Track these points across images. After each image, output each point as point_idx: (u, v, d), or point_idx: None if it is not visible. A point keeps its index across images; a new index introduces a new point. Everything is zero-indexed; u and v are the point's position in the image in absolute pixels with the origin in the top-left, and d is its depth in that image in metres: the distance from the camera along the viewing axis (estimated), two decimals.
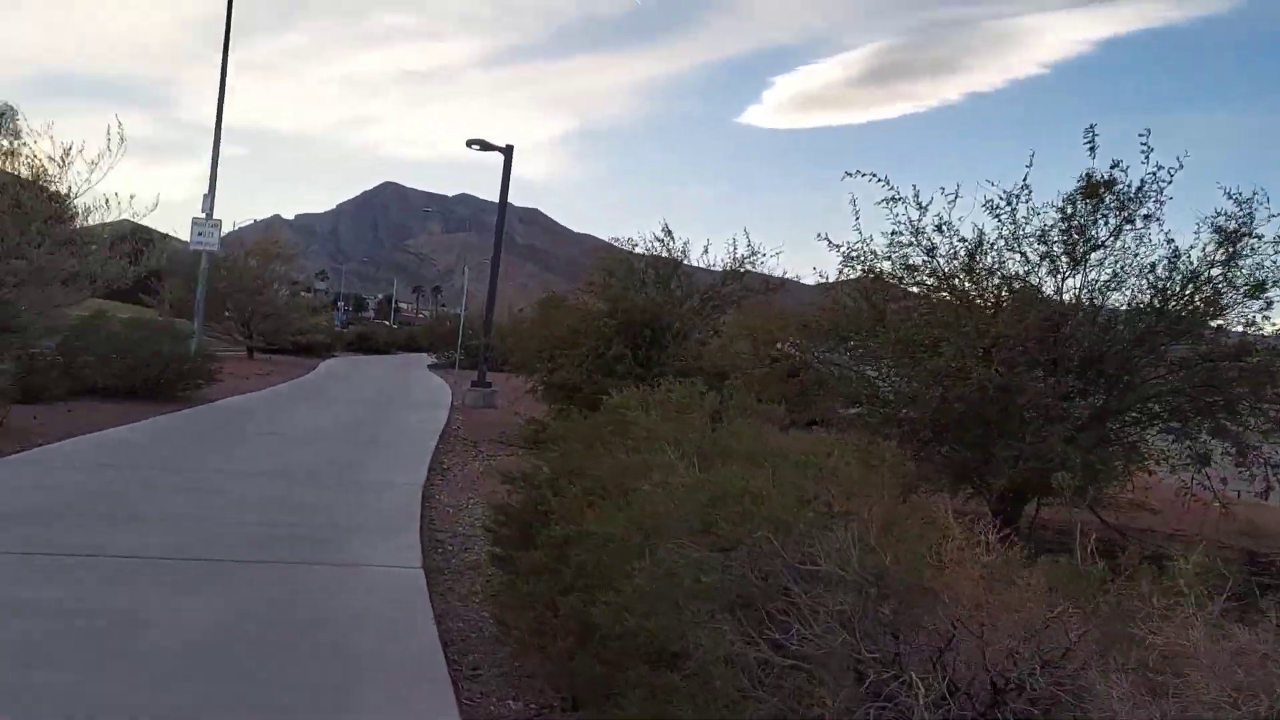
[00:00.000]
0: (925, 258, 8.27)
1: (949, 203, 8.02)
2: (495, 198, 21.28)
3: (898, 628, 2.53)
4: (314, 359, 33.92)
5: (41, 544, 5.38)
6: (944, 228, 8.07)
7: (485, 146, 21.10)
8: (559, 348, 13.55)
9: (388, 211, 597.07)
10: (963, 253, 8.15)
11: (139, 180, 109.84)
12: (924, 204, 8.10)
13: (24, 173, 15.82)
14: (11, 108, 13.63)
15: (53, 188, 15.89)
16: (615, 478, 4.02)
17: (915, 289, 8.75)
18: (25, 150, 16.42)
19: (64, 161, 15.75)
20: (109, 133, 15.91)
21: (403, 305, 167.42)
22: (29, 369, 11.58)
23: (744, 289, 14.40)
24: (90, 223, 16.66)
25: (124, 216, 17.44)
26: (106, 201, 16.42)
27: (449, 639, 4.54)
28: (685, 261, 14.34)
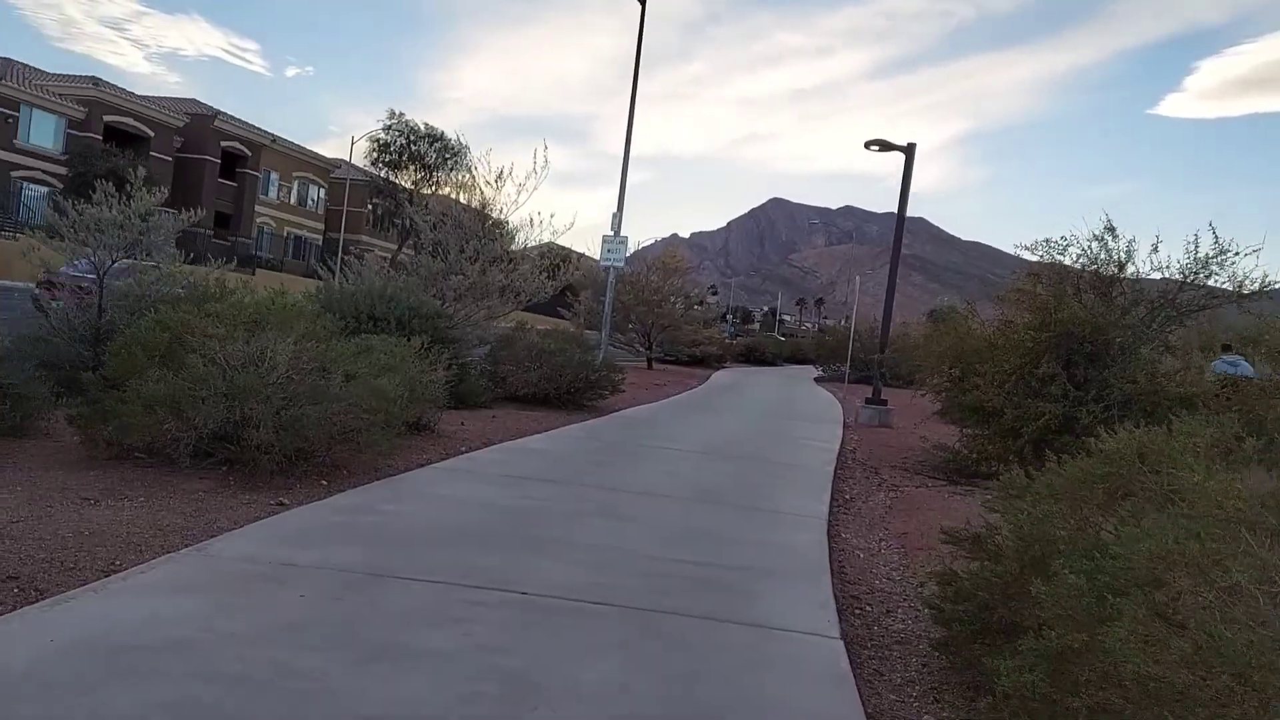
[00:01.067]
0: None
1: None
2: (878, 208, 20.32)
3: None
4: (706, 369, 34.82)
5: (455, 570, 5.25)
6: None
7: (885, 146, 19.95)
8: (972, 362, 12.04)
9: (774, 226, 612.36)
10: None
11: (558, 204, 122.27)
12: None
13: (473, 202, 17.51)
14: (463, 144, 15.01)
15: (487, 210, 17.41)
16: (1149, 566, 2.81)
17: None
18: (469, 179, 18.16)
19: (497, 184, 17.17)
20: (535, 157, 17.10)
21: (786, 317, 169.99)
22: (461, 377, 12.45)
23: (1208, 295, 11.74)
24: (518, 241, 18.10)
25: (546, 237, 18.75)
26: (531, 221, 17.72)
27: None
28: (1131, 265, 12.06)
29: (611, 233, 21.41)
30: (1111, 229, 11.81)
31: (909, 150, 19.70)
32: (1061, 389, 10.82)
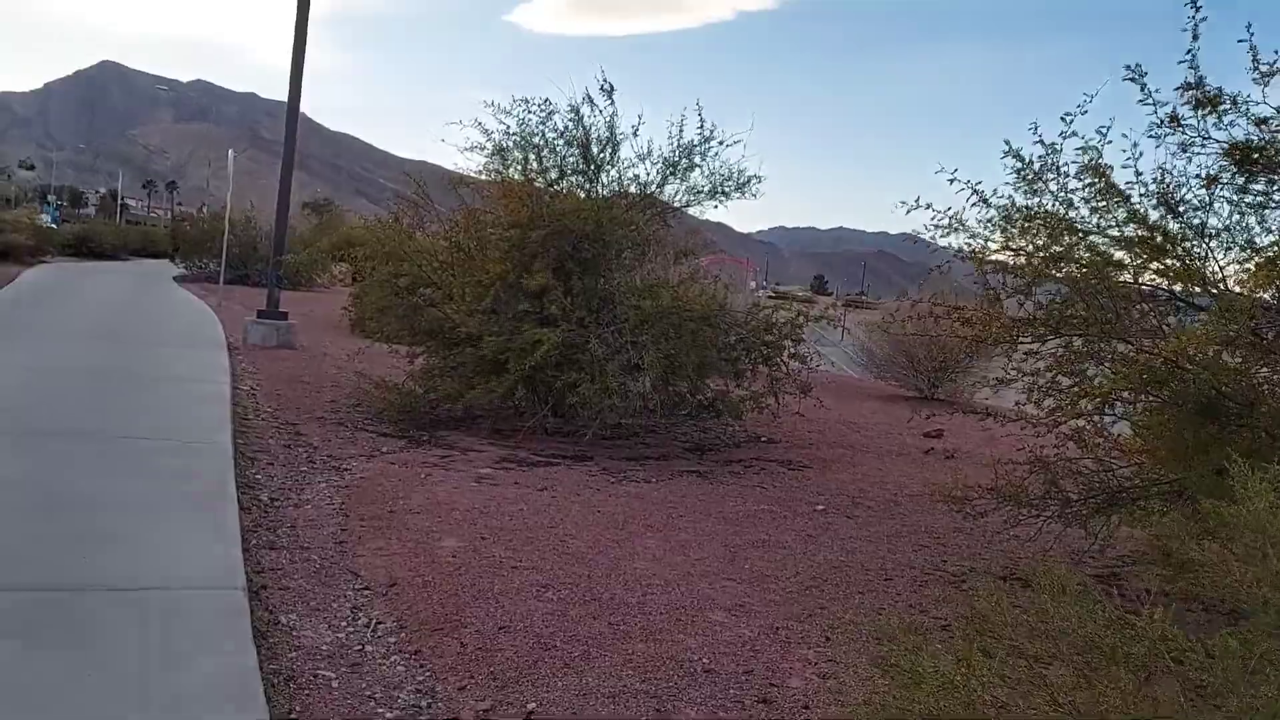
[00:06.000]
0: None
1: None
2: (238, 86, 15.48)
3: None
4: (13, 266, 25.82)
5: None
6: None
7: None
8: (426, 270, 8.70)
9: (108, 94, 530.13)
10: None
11: None
12: None
13: None
14: None
15: None
16: None
17: None
18: None
19: None
20: None
21: (131, 202, 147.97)
22: None
23: (691, 191, 9.78)
24: None
25: None
26: None
27: None
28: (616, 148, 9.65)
29: None
30: (609, 88, 9.07)
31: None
32: (560, 307, 8.04)
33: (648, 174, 9.50)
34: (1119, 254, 4.69)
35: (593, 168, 9.08)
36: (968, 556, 5.89)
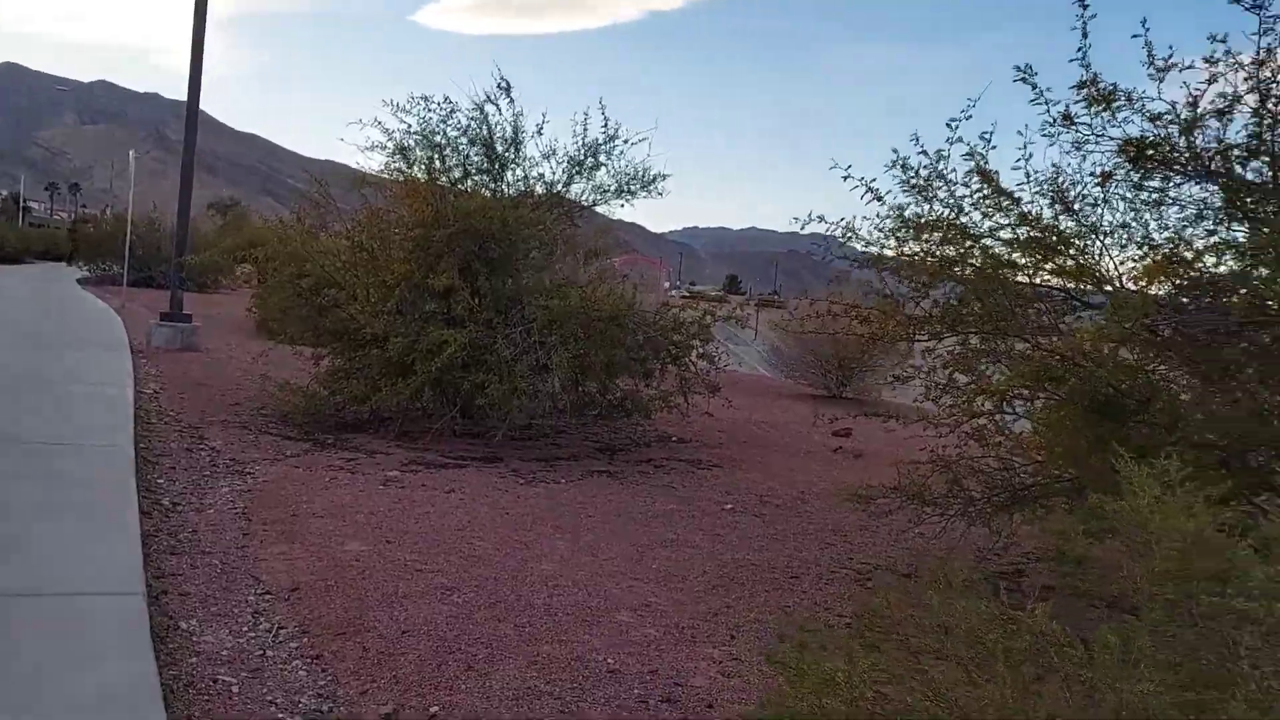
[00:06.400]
0: None
1: None
2: (141, 86, 15.00)
3: None
4: None
5: None
6: None
7: None
8: (330, 271, 8.46)
9: (10, 96, 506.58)
10: None
11: None
12: None
13: None
14: None
15: None
16: None
17: None
18: None
19: None
20: None
21: (33, 204, 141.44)
22: None
23: (597, 190, 9.72)
24: None
25: None
26: None
27: None
28: (522, 147, 9.52)
29: None
30: (506, 85, 8.95)
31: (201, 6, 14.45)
32: (467, 308, 7.90)
33: (554, 173, 9.46)
34: (1014, 255, 4.75)
35: (497, 166, 8.98)
36: (873, 554, 5.94)
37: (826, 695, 1.83)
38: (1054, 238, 4.68)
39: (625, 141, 9.49)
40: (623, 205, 10.03)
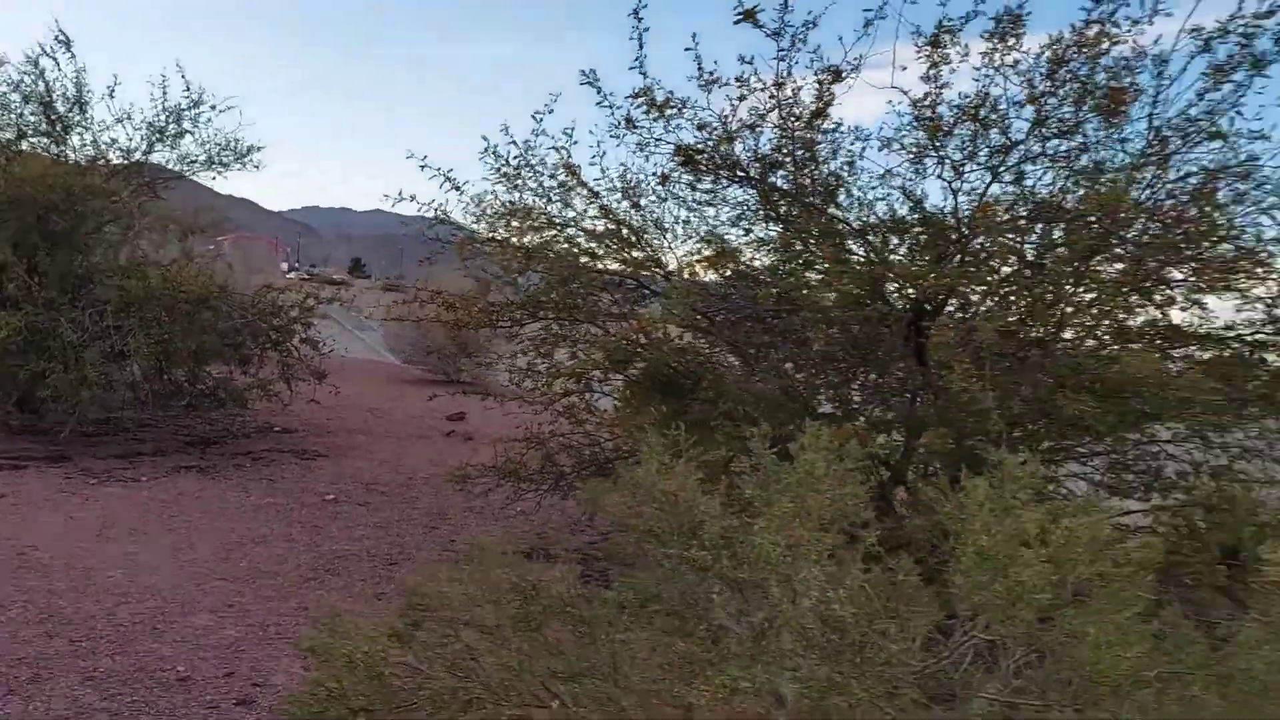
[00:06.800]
0: None
1: None
2: None
3: None
4: None
5: None
6: None
7: None
8: None
9: None
10: None
11: None
12: None
13: None
14: None
15: None
16: None
17: None
18: None
19: None
20: None
21: None
22: None
23: (183, 160, 8.96)
24: None
25: None
26: None
27: None
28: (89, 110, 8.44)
29: None
30: (65, 39, 7.93)
31: None
32: (22, 286, 6.93)
33: (130, 139, 8.60)
34: (593, 245, 5.12)
35: (59, 129, 7.97)
36: (476, 534, 6.12)
37: (349, 676, 1.91)
38: (627, 230, 5.12)
39: (212, 108, 8.88)
40: (214, 178, 9.37)
